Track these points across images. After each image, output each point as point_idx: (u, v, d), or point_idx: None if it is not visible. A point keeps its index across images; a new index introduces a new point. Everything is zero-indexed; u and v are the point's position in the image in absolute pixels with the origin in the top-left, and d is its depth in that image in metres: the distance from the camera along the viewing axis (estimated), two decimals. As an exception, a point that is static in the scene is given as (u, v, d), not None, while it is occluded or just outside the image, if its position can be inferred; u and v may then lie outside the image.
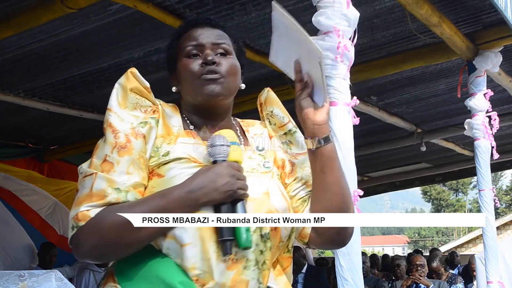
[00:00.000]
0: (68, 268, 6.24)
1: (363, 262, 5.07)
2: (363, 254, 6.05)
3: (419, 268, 5.33)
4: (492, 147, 4.14)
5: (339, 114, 2.27)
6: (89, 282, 6.05)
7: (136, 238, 1.25)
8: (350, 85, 2.33)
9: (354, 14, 2.34)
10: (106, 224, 1.24)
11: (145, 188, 1.32)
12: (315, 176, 1.44)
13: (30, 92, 4.74)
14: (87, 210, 1.25)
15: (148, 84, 1.40)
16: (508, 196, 39.60)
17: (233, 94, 1.49)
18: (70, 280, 5.67)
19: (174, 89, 1.48)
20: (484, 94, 4.15)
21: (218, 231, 1.27)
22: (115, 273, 1.34)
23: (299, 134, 1.56)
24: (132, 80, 1.38)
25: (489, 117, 4.21)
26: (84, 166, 1.32)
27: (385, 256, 9.42)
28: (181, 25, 1.51)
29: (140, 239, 1.26)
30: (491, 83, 4.60)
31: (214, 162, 1.32)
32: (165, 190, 1.28)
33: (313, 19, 2.33)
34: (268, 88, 1.63)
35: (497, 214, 15.69)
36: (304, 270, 6.49)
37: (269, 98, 1.63)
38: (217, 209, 1.29)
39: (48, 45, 3.76)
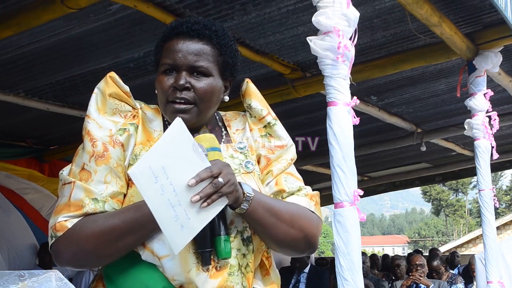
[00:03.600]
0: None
1: (363, 262, 5.07)
2: (363, 254, 6.05)
3: (419, 268, 5.34)
4: (492, 147, 4.14)
5: (339, 114, 2.27)
6: (89, 282, 6.05)
7: (113, 249, 1.27)
8: (353, 84, 2.34)
9: (354, 14, 2.34)
10: (83, 235, 1.25)
11: (125, 196, 1.32)
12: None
13: (30, 92, 4.74)
14: (64, 221, 1.27)
15: (127, 89, 1.37)
16: (508, 196, 39.62)
17: (208, 115, 1.44)
18: (70, 279, 5.68)
19: (156, 91, 1.43)
20: (484, 94, 4.15)
21: (197, 241, 1.25)
22: (103, 277, 1.35)
23: (278, 126, 1.54)
24: (111, 84, 1.37)
25: (489, 117, 4.21)
26: (64, 173, 1.33)
27: (385, 256, 9.42)
28: (167, 28, 1.45)
29: (117, 249, 1.27)
30: (491, 83, 4.60)
31: None
32: (140, 202, 1.24)
33: (313, 19, 2.33)
34: (247, 80, 1.57)
35: (497, 214, 15.69)
36: (306, 270, 6.50)
37: (248, 90, 1.56)
38: None
39: (48, 45, 3.76)
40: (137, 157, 1.32)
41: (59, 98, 4.93)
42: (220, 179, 1.20)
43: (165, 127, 1.40)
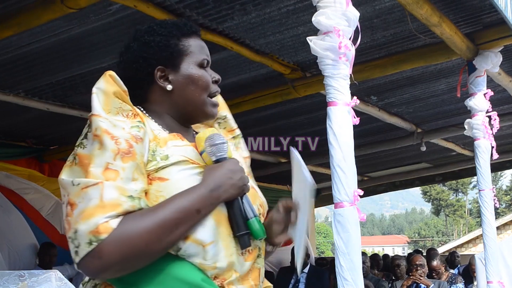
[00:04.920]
0: (69, 266, 6.25)
1: (363, 262, 5.07)
2: (363, 254, 6.05)
3: (419, 268, 5.34)
4: (492, 147, 4.14)
5: (339, 114, 2.27)
6: (89, 282, 6.05)
7: (165, 243, 1.23)
8: (356, 83, 2.34)
9: (354, 14, 2.34)
10: (135, 233, 1.19)
11: (146, 193, 1.29)
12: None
13: (30, 92, 4.74)
14: (106, 222, 1.18)
15: (125, 88, 1.35)
16: (508, 196, 39.63)
17: None
18: (70, 279, 5.68)
19: (169, 87, 1.43)
20: (484, 94, 4.15)
21: (234, 226, 1.33)
22: (113, 283, 1.29)
23: (242, 139, 1.66)
24: (112, 83, 1.33)
25: (489, 117, 4.21)
26: (77, 178, 1.23)
27: (385, 256, 9.41)
28: (181, 25, 1.48)
29: (168, 244, 1.24)
30: (491, 83, 4.60)
31: (217, 160, 1.35)
32: (184, 192, 1.27)
33: (313, 19, 2.33)
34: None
35: (497, 214, 15.68)
36: (306, 270, 6.51)
37: (222, 103, 1.61)
38: (229, 204, 1.33)
39: (48, 45, 3.76)
40: (155, 154, 1.32)
41: (59, 98, 4.93)
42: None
43: (160, 127, 1.42)
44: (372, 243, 56.80)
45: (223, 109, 1.61)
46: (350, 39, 2.33)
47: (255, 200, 1.43)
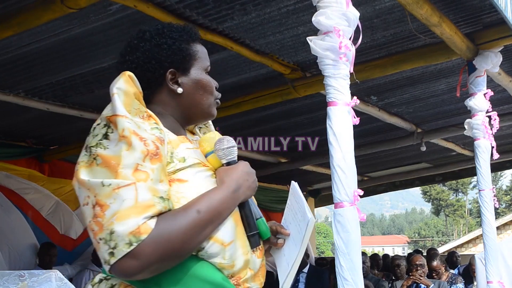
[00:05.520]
0: (69, 266, 6.26)
1: (363, 262, 5.07)
2: (363, 254, 6.05)
3: (419, 268, 5.33)
4: (492, 147, 4.14)
5: (339, 114, 2.27)
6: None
7: (196, 242, 1.27)
8: (357, 81, 2.34)
9: (354, 14, 2.34)
10: (172, 232, 1.22)
11: None
12: None
13: (30, 92, 4.74)
14: (144, 223, 1.19)
15: (141, 89, 1.37)
16: (508, 196, 39.63)
17: None
18: (70, 279, 5.68)
19: (180, 90, 1.47)
20: (484, 94, 4.15)
21: (245, 226, 1.40)
22: (133, 283, 1.30)
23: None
24: (131, 84, 1.34)
25: (489, 117, 4.20)
26: (106, 179, 1.21)
27: (385, 256, 9.41)
28: (189, 30, 1.52)
29: (198, 243, 1.28)
30: (491, 83, 4.60)
31: (228, 163, 1.41)
32: (208, 193, 1.32)
33: (313, 19, 2.33)
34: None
35: (497, 214, 15.68)
36: (306, 270, 6.50)
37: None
38: (241, 205, 1.39)
39: (48, 45, 3.76)
40: (172, 156, 1.34)
41: (59, 98, 4.93)
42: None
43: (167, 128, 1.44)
44: (372, 243, 56.81)
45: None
46: (350, 39, 2.33)
47: (254, 201, 1.49)
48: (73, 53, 3.95)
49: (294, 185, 1.58)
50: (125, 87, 1.31)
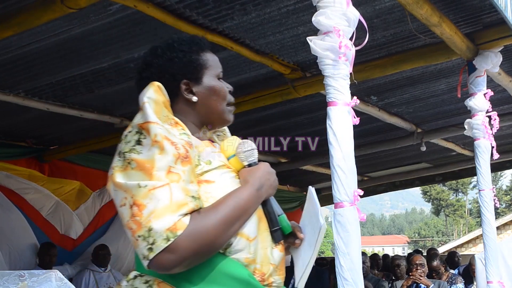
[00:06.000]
0: (69, 266, 6.26)
1: (363, 262, 5.07)
2: (363, 254, 6.05)
3: (419, 268, 5.33)
4: (492, 147, 4.14)
5: (339, 114, 2.27)
6: (89, 282, 6.05)
7: (226, 237, 1.37)
8: (355, 82, 2.34)
9: (354, 14, 2.34)
10: (205, 228, 1.32)
11: None
12: None
13: (30, 92, 4.73)
14: (180, 219, 1.29)
15: (169, 98, 1.48)
16: (508, 196, 39.63)
17: None
18: (70, 279, 5.68)
19: (195, 99, 1.56)
20: (484, 94, 4.15)
21: (268, 222, 1.49)
22: (165, 280, 1.38)
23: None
24: (160, 93, 1.44)
25: (489, 117, 4.20)
26: (142, 181, 1.30)
27: (385, 256, 9.40)
28: (198, 41, 1.62)
29: (228, 238, 1.38)
30: (491, 83, 4.60)
31: (249, 165, 1.52)
32: (235, 192, 1.42)
33: (313, 19, 2.33)
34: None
35: (497, 214, 15.65)
36: (305, 270, 6.49)
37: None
38: (263, 203, 1.49)
39: (48, 45, 3.76)
40: (200, 159, 1.45)
41: (59, 98, 4.93)
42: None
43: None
44: (372, 243, 56.81)
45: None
46: (351, 39, 2.33)
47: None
48: (73, 53, 3.95)
49: (311, 190, 1.67)
50: (155, 96, 1.42)
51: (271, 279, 1.47)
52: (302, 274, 1.56)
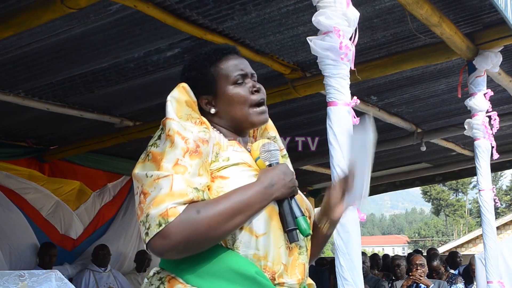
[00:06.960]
0: (69, 266, 6.26)
1: (363, 262, 5.07)
2: (363, 254, 6.05)
3: (419, 268, 5.33)
4: (492, 147, 4.14)
5: (339, 114, 2.27)
6: (89, 282, 6.05)
7: (223, 230, 1.39)
8: (358, 78, 2.33)
9: (354, 14, 2.34)
10: (199, 218, 1.36)
11: (209, 189, 1.46)
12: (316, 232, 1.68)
13: (30, 92, 4.74)
14: (174, 207, 1.35)
15: (195, 99, 1.56)
16: (508, 196, 39.61)
17: None
18: (70, 279, 5.68)
19: (213, 110, 1.62)
20: (484, 94, 4.15)
21: (283, 222, 1.50)
22: (177, 275, 1.45)
23: (288, 159, 1.81)
24: (184, 93, 1.54)
25: (489, 117, 4.21)
26: (150, 171, 1.41)
27: (385, 256, 9.40)
28: (211, 52, 1.66)
29: (226, 231, 1.40)
30: (491, 83, 4.60)
31: (270, 165, 1.55)
32: (242, 187, 1.45)
33: (313, 19, 2.33)
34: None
35: (497, 214, 15.67)
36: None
37: (270, 124, 1.80)
38: (280, 202, 1.50)
39: (48, 45, 3.76)
40: (218, 156, 1.51)
41: (59, 98, 4.93)
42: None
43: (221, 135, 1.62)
44: (372, 243, 56.78)
45: (272, 130, 1.81)
46: (352, 39, 2.33)
47: (302, 204, 1.59)
48: (73, 53, 3.95)
49: (367, 121, 1.76)
50: (177, 96, 1.52)
51: (282, 279, 1.48)
52: (361, 187, 1.67)
